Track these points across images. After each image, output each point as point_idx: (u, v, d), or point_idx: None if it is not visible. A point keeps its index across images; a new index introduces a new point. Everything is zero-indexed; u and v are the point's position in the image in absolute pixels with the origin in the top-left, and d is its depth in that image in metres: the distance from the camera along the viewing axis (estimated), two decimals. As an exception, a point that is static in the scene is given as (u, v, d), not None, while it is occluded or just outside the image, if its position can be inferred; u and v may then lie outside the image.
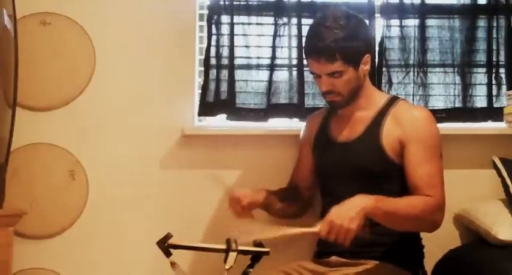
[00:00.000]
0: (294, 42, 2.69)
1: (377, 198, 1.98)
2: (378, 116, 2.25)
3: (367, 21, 2.68)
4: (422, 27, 2.74)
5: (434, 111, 2.62)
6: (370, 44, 2.28)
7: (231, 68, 2.66)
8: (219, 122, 2.72)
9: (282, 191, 2.39)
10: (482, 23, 2.77)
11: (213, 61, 2.66)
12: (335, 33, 2.14)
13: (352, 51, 2.16)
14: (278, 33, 2.69)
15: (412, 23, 2.75)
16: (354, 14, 2.24)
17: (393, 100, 2.30)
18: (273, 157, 2.65)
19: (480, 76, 2.77)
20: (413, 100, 2.72)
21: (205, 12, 2.73)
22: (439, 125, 2.37)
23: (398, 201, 2.06)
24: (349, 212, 1.91)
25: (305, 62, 2.38)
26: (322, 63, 2.16)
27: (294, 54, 2.69)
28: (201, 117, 2.71)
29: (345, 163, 2.26)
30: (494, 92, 2.76)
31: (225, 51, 2.67)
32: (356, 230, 1.90)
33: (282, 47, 2.70)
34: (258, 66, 2.70)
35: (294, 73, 2.69)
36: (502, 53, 2.77)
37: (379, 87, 2.67)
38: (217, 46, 2.67)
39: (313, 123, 2.46)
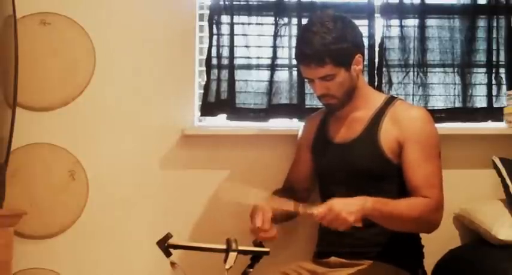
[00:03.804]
0: (294, 43, 2.68)
1: (376, 200, 1.99)
2: (376, 116, 2.25)
3: (366, 21, 2.70)
4: (422, 27, 2.74)
5: (434, 111, 2.64)
6: (360, 43, 2.27)
7: (231, 68, 2.66)
8: (219, 122, 2.72)
9: (278, 193, 2.36)
10: (482, 23, 2.77)
11: (213, 61, 2.66)
12: (322, 37, 2.14)
13: (341, 53, 2.16)
14: (278, 33, 2.69)
15: (412, 23, 2.75)
16: (341, 16, 2.24)
17: (391, 100, 2.30)
18: (273, 157, 2.65)
19: (480, 76, 2.77)
20: (413, 100, 2.72)
21: (206, 12, 2.73)
22: (439, 125, 2.38)
23: (397, 203, 2.06)
24: (350, 206, 1.93)
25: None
26: (313, 68, 2.17)
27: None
28: (201, 117, 2.71)
29: (344, 164, 2.26)
30: (494, 92, 2.76)
31: (225, 51, 2.67)
32: (352, 224, 1.91)
33: (282, 47, 2.70)
34: (258, 67, 2.71)
35: (294, 73, 2.70)
36: (502, 53, 2.77)
37: (379, 87, 2.68)
38: (218, 46, 2.67)
39: (311, 125, 2.46)
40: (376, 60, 2.72)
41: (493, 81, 2.76)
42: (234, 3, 2.68)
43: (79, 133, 2.64)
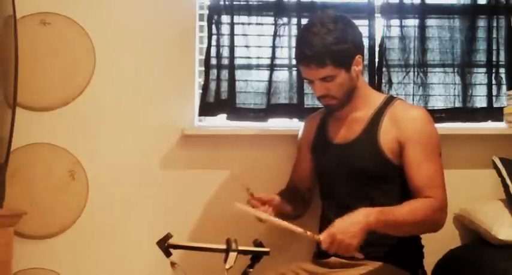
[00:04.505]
0: (294, 43, 2.68)
1: (379, 211, 1.98)
2: (375, 116, 2.25)
3: (367, 21, 2.70)
4: (423, 27, 2.74)
5: (434, 112, 2.65)
6: (360, 44, 2.26)
7: (231, 68, 2.66)
8: (219, 122, 2.72)
9: (284, 193, 2.38)
10: (482, 23, 2.77)
11: (213, 61, 2.66)
12: (322, 38, 2.14)
13: (341, 54, 2.16)
14: (278, 33, 2.69)
15: (412, 23, 2.75)
16: (341, 16, 2.23)
17: (390, 100, 2.30)
18: (273, 157, 2.65)
19: (480, 76, 2.77)
20: (413, 100, 2.72)
21: (205, 12, 2.73)
22: (439, 125, 2.38)
23: (400, 209, 2.05)
24: (352, 227, 1.92)
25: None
26: (313, 69, 2.17)
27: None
28: (201, 117, 2.71)
29: (344, 164, 2.25)
30: (494, 92, 2.77)
31: (225, 51, 2.67)
32: (357, 246, 1.92)
33: (282, 47, 2.70)
34: (258, 66, 2.71)
35: (294, 73, 2.70)
36: (502, 53, 2.77)
37: (379, 87, 2.68)
38: (218, 46, 2.67)
39: (311, 125, 2.46)
40: (376, 60, 2.72)
41: (493, 81, 2.76)
42: (234, 3, 2.68)
43: (79, 133, 2.64)
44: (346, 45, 2.17)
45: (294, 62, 2.68)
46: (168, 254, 1.91)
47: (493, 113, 2.75)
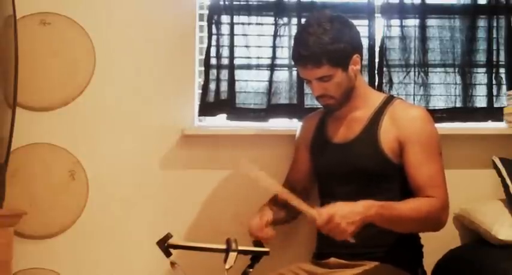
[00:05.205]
0: (294, 43, 2.69)
1: (381, 206, 1.97)
2: (375, 115, 2.25)
3: (367, 21, 2.70)
4: (423, 27, 2.74)
5: (434, 111, 2.65)
6: (358, 43, 2.26)
7: (231, 68, 2.67)
8: (219, 122, 2.72)
9: (277, 197, 2.37)
10: (482, 23, 2.77)
11: (213, 61, 2.66)
12: (319, 38, 2.14)
13: (338, 54, 2.15)
14: (278, 33, 2.69)
15: (412, 23, 2.75)
16: (338, 16, 2.23)
17: (389, 99, 2.30)
18: (272, 157, 2.65)
19: (480, 76, 2.77)
20: (414, 100, 2.72)
21: (205, 12, 2.73)
22: (440, 125, 2.38)
23: (402, 206, 2.05)
24: (352, 215, 1.90)
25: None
26: (309, 69, 2.17)
27: (294, 54, 2.69)
28: (201, 117, 2.71)
29: (343, 163, 2.25)
30: (494, 92, 2.77)
31: (225, 51, 2.67)
32: (351, 234, 1.91)
33: (282, 47, 2.70)
34: (258, 66, 2.71)
35: (294, 73, 2.69)
36: (502, 53, 2.77)
37: (380, 87, 2.68)
38: (218, 46, 2.67)
39: (309, 125, 2.46)
40: (377, 60, 2.72)
41: (493, 81, 2.76)
42: (234, 3, 2.68)
43: (79, 133, 2.64)
44: (343, 44, 2.17)
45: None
46: (168, 254, 1.91)
47: (493, 113, 2.75)
